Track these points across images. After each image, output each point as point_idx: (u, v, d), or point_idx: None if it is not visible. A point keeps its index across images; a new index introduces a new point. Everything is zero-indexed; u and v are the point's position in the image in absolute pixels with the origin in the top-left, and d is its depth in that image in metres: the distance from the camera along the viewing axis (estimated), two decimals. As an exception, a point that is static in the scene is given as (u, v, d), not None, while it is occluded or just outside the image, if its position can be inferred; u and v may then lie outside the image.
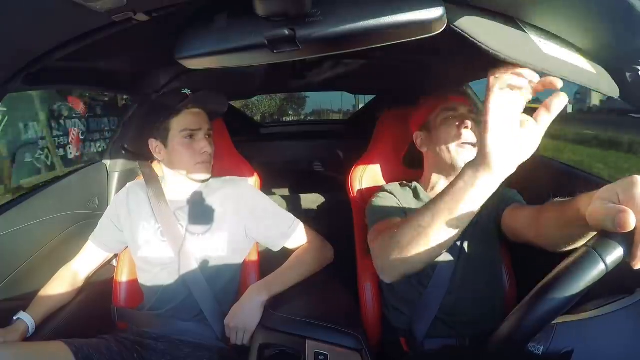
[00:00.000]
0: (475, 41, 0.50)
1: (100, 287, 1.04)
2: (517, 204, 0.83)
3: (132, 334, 0.93)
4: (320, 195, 1.81)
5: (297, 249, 1.02)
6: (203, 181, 1.00)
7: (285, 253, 1.02)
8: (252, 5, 0.46)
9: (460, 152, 0.86)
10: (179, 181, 1.00)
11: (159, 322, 0.93)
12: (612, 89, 0.56)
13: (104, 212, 1.06)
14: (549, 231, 0.62)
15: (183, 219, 0.97)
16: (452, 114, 0.90)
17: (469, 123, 0.85)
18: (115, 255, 1.09)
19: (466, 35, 0.50)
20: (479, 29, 0.51)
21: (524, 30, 0.53)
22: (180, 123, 0.94)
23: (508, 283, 0.94)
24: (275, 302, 0.86)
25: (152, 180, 1.01)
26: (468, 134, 0.85)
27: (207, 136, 0.97)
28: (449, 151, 0.87)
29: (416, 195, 0.94)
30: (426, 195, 0.93)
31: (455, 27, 0.51)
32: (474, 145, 0.85)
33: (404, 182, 0.99)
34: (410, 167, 1.05)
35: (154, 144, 0.97)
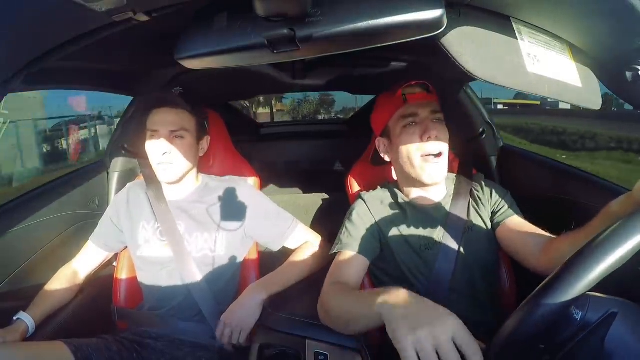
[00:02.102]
0: (454, 59, 0.51)
1: (100, 287, 1.04)
2: (517, 217, 0.82)
3: (131, 334, 0.93)
4: (320, 195, 1.80)
5: (297, 249, 1.02)
6: (170, 183, 0.97)
7: (285, 253, 1.02)
8: (252, 5, 0.46)
9: (424, 166, 0.81)
10: (173, 183, 1.00)
11: (159, 322, 0.93)
12: (593, 102, 0.58)
13: (104, 212, 1.06)
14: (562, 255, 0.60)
15: (182, 219, 0.97)
16: (412, 120, 0.82)
17: (432, 132, 0.79)
18: (116, 255, 1.09)
19: (447, 52, 0.52)
20: (460, 47, 0.52)
21: (513, 42, 0.54)
22: (148, 123, 0.95)
23: (508, 282, 0.94)
24: (275, 302, 0.86)
25: (152, 180, 1.01)
26: (431, 146, 0.80)
27: (172, 137, 0.93)
28: (413, 165, 0.82)
29: (394, 198, 0.91)
30: (404, 199, 0.90)
31: (440, 42, 0.52)
32: (438, 155, 0.80)
33: (386, 184, 0.96)
34: (378, 164, 0.99)
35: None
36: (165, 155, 0.92)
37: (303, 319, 0.76)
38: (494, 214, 0.86)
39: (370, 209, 0.88)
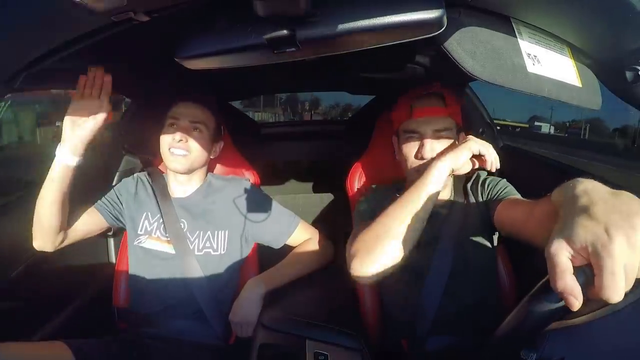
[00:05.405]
0: (454, 59, 0.52)
1: (100, 287, 1.04)
2: (512, 198, 0.81)
3: (132, 334, 0.93)
4: (320, 195, 1.81)
5: (297, 246, 1.02)
6: (179, 173, 0.97)
7: (286, 252, 1.02)
8: (252, 5, 0.46)
9: (412, 174, 0.85)
10: (180, 179, 1.00)
11: (159, 322, 0.93)
12: (593, 102, 0.58)
13: None
14: (545, 225, 0.58)
15: (185, 217, 0.98)
16: (412, 135, 0.86)
17: (426, 152, 0.82)
18: (113, 243, 1.08)
19: (447, 52, 0.52)
20: (460, 47, 0.52)
21: (513, 43, 0.54)
22: (170, 112, 0.96)
23: (507, 281, 0.94)
24: (275, 302, 0.86)
25: (157, 178, 1.02)
26: (422, 159, 0.83)
27: (191, 128, 0.94)
28: (408, 172, 0.88)
29: (399, 193, 0.93)
30: None
31: (440, 43, 0.52)
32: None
33: (396, 180, 0.98)
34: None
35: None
36: (181, 142, 0.92)
37: (303, 318, 0.76)
38: (487, 203, 0.85)
39: (377, 195, 0.94)
